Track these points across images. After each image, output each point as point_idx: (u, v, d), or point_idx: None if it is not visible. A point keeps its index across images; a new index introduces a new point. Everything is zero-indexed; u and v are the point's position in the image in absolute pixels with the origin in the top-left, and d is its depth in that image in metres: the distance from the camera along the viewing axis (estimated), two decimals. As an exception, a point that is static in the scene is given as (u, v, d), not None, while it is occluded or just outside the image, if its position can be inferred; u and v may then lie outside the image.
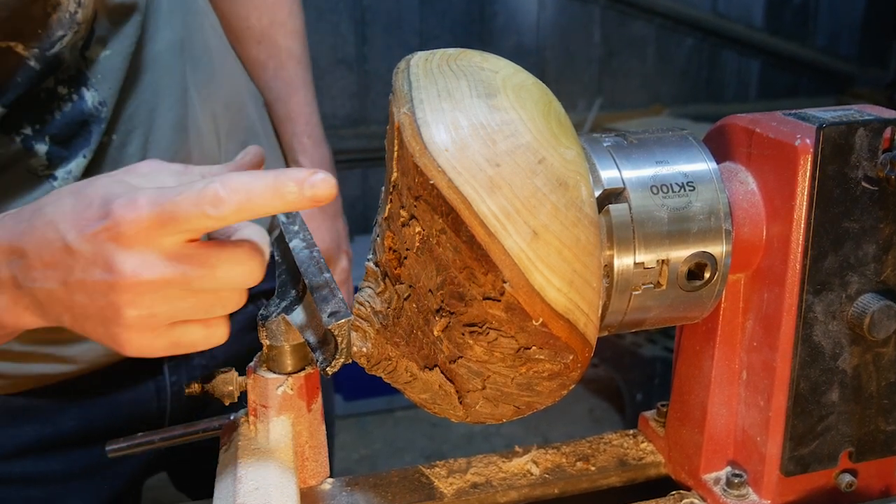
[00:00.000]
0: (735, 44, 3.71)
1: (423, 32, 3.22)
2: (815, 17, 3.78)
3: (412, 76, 0.53)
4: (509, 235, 0.48)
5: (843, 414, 0.63)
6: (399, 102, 0.52)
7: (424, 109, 0.50)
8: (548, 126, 0.52)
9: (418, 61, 0.54)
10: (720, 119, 0.66)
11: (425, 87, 0.52)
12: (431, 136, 0.49)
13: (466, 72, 0.53)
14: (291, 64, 1.11)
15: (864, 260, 0.60)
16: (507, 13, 3.34)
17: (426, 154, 0.49)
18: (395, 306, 0.56)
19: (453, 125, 0.50)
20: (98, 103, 0.80)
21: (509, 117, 0.50)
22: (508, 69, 0.54)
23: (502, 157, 0.49)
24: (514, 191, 0.49)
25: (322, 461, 0.70)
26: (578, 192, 0.51)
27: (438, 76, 0.53)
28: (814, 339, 0.61)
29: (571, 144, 0.53)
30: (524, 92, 0.53)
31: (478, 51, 0.56)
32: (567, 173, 0.51)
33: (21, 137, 0.77)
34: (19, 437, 0.91)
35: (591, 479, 0.73)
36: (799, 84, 3.87)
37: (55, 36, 0.74)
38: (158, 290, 0.54)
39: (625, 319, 0.59)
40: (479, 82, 0.52)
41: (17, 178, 0.78)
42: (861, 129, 0.57)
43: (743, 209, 0.61)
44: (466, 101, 0.51)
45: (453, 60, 0.54)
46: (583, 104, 3.49)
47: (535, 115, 0.51)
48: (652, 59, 3.63)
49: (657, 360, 2.46)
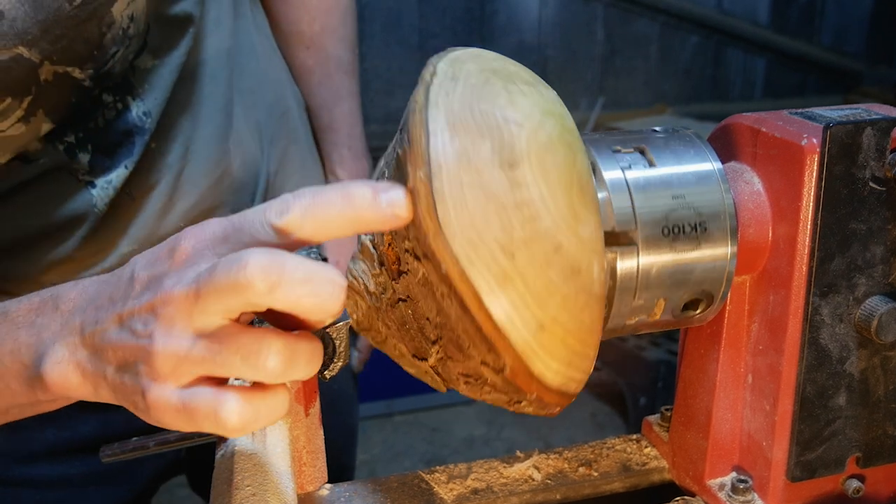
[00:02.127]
0: (740, 42, 3.70)
1: (423, 30, 3.21)
2: (821, 15, 3.77)
3: (431, 120, 0.48)
4: (515, 329, 0.48)
5: (851, 418, 0.62)
6: (415, 161, 0.48)
7: (442, 179, 0.47)
8: (569, 200, 0.49)
9: (438, 97, 0.49)
10: (725, 118, 0.65)
11: (444, 146, 0.47)
12: (448, 216, 0.47)
13: (491, 125, 0.48)
14: (339, 73, 1.10)
15: (872, 262, 0.59)
16: (508, 10, 3.33)
17: (440, 236, 0.47)
18: (389, 298, 0.54)
19: (472, 203, 0.47)
20: (143, 113, 0.80)
21: (531, 196, 0.48)
22: (535, 115, 0.50)
23: (518, 246, 0.47)
24: (527, 284, 0.48)
25: (320, 466, 0.69)
26: (590, 275, 0.50)
27: (460, 128, 0.48)
28: (820, 343, 0.60)
29: (590, 216, 0.51)
30: (549, 154, 0.49)
31: (501, 78, 0.51)
32: (581, 256, 0.50)
33: (64, 146, 0.77)
34: (38, 440, 0.91)
35: (593, 484, 0.72)
36: (805, 82, 3.85)
37: (109, 54, 0.74)
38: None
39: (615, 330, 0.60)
40: (502, 145, 0.48)
41: (58, 184, 0.78)
42: (869, 128, 0.57)
43: (748, 210, 0.60)
44: (487, 172, 0.47)
45: (476, 102, 0.49)
46: (585, 103, 3.48)
47: (558, 189, 0.49)
48: (655, 58, 3.62)
49: (661, 364, 2.45)
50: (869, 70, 3.83)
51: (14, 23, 0.65)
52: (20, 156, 0.75)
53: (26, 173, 0.76)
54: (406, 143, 0.48)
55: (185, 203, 0.86)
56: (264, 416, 0.48)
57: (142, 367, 0.49)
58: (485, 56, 0.52)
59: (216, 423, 0.48)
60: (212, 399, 0.47)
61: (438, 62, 0.51)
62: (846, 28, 3.82)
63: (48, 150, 0.76)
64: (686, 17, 3.57)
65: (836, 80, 3.84)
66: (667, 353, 2.47)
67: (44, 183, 0.77)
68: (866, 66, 3.84)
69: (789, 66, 3.80)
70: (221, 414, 0.47)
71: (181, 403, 0.48)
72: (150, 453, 0.68)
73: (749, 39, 3.69)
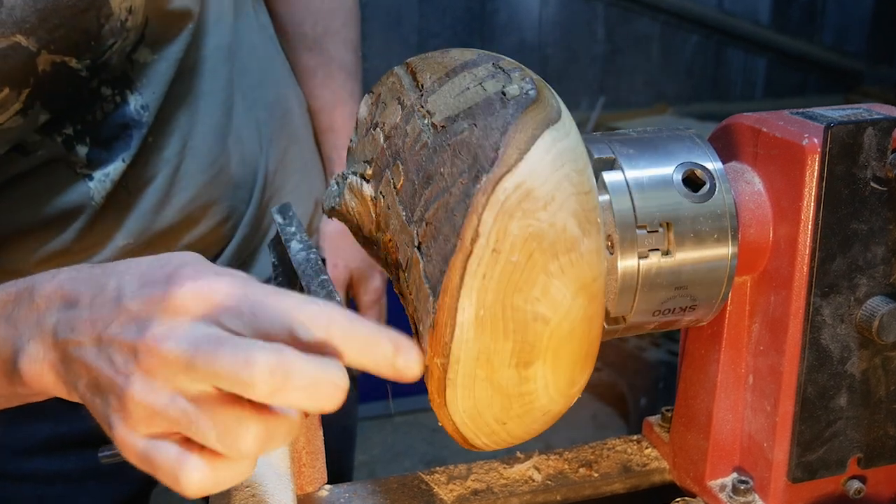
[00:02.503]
0: (741, 41, 3.69)
1: (423, 30, 3.21)
2: (822, 14, 3.77)
3: (460, 311, 0.47)
4: (488, 447, 0.54)
5: (852, 419, 0.62)
6: (436, 347, 0.48)
7: (458, 372, 0.49)
8: (570, 377, 0.51)
9: (474, 282, 0.47)
10: (726, 118, 0.65)
11: (467, 343, 0.48)
12: (455, 401, 0.50)
13: (517, 325, 0.48)
14: (341, 75, 1.09)
15: (873, 262, 0.59)
16: (509, 9, 3.33)
17: (444, 408, 0.51)
18: (383, 258, 0.55)
19: (480, 395, 0.50)
20: (140, 107, 0.80)
21: (535, 387, 0.50)
22: (565, 301, 0.48)
23: (512, 418, 0.51)
24: (512, 436, 0.53)
25: (319, 467, 0.69)
26: (567, 407, 0.54)
27: (487, 325, 0.47)
28: (821, 343, 0.60)
29: (585, 376, 0.53)
30: (566, 345, 0.49)
31: (544, 252, 0.47)
32: (564, 407, 0.53)
33: (62, 138, 0.77)
34: (35, 434, 0.92)
35: (594, 485, 0.72)
36: (806, 82, 3.85)
37: (106, 45, 0.74)
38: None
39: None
40: (524, 346, 0.48)
41: (56, 176, 0.78)
42: (870, 128, 0.56)
43: (749, 210, 0.60)
44: (502, 371, 0.49)
45: (510, 294, 0.47)
46: (585, 103, 3.48)
47: (563, 375, 0.50)
48: (656, 57, 3.62)
49: (662, 365, 2.44)
50: (870, 70, 3.82)
51: (13, 11, 0.66)
52: (18, 147, 0.75)
53: (24, 165, 0.77)
54: (430, 320, 0.48)
55: (181, 198, 0.86)
56: (224, 483, 0.47)
57: (113, 401, 0.47)
58: (534, 197, 0.47)
59: (175, 482, 0.46)
60: (175, 458, 0.46)
61: (484, 209, 0.47)
62: (847, 28, 3.82)
63: (46, 143, 0.76)
64: (687, 16, 3.57)
65: (837, 80, 3.83)
66: (667, 354, 2.46)
67: (41, 175, 0.78)
68: (867, 66, 3.84)
69: (790, 66, 3.80)
70: (182, 476, 0.46)
71: (144, 453, 0.47)
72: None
73: (750, 39, 3.69)
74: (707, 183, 0.57)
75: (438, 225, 0.48)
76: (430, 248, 0.49)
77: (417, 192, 0.51)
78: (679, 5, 3.55)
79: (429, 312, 0.49)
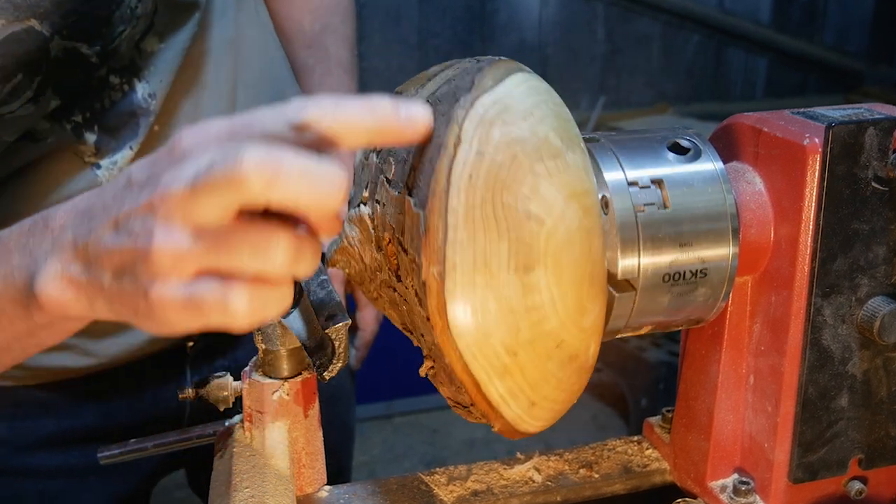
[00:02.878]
0: (742, 41, 3.69)
1: (423, 29, 3.20)
2: (823, 14, 3.76)
3: (450, 212, 0.47)
4: (509, 408, 0.50)
5: (853, 420, 0.62)
6: (430, 255, 0.47)
7: (456, 280, 0.47)
8: (577, 296, 0.49)
9: (461, 181, 0.47)
10: (726, 118, 0.65)
11: (462, 245, 0.47)
12: (456, 317, 0.47)
13: (511, 222, 0.47)
14: (339, 72, 1.10)
15: (875, 262, 0.59)
16: (509, 9, 3.32)
17: (447, 333, 0.48)
18: (384, 280, 0.54)
19: (482, 308, 0.47)
20: (148, 95, 0.81)
21: (541, 300, 0.48)
22: (557, 204, 0.48)
23: (522, 345, 0.49)
24: (525, 375, 0.50)
25: (319, 468, 0.69)
26: (587, 357, 0.52)
27: (479, 224, 0.47)
28: (822, 343, 0.60)
29: (595, 306, 0.51)
30: (566, 252, 0.49)
31: (528, 155, 0.48)
32: (581, 344, 0.51)
33: (72, 125, 0.78)
34: (38, 429, 0.92)
35: (594, 486, 0.72)
36: (807, 82, 3.85)
37: (116, 32, 0.76)
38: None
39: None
40: (520, 247, 0.47)
41: (64, 164, 0.79)
42: (871, 128, 0.56)
43: (750, 210, 0.60)
44: (502, 276, 0.47)
45: (499, 192, 0.47)
46: (586, 102, 3.48)
47: (569, 288, 0.49)
48: (657, 57, 3.61)
49: (662, 365, 2.44)
50: (871, 70, 3.82)
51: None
52: (28, 135, 0.76)
53: (34, 152, 0.77)
54: (423, 224, 0.47)
55: None
56: (272, 306, 0.46)
57: (141, 268, 0.47)
58: (513, 110, 0.49)
59: (225, 314, 0.45)
60: (218, 289, 0.45)
61: (464, 119, 0.48)
62: (848, 27, 3.82)
63: (55, 129, 0.77)
64: (688, 16, 3.57)
65: (837, 80, 3.83)
66: (668, 355, 2.46)
67: (50, 163, 0.78)
68: (868, 66, 3.83)
69: (791, 66, 3.79)
70: (231, 303, 0.45)
71: (187, 297, 0.46)
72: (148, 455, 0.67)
73: (751, 39, 3.69)
74: (692, 149, 0.58)
75: (424, 159, 0.48)
76: (418, 181, 0.49)
77: (406, 161, 0.51)
78: (680, 5, 3.54)
79: (419, 230, 0.47)
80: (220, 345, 0.98)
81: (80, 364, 0.88)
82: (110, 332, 0.87)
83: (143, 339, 0.89)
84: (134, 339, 0.89)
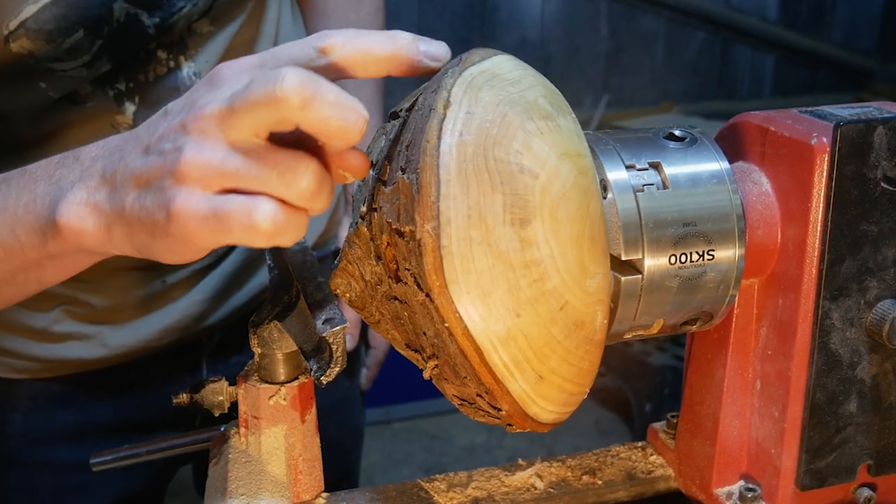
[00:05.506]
0: (748, 38, 3.68)
1: (422, 27, 3.19)
2: (832, 10, 3.75)
3: (443, 167, 0.46)
4: (515, 381, 0.49)
5: (862, 425, 0.61)
6: (424, 212, 0.46)
7: (451, 236, 0.46)
8: (578, 255, 0.48)
9: (452, 138, 0.47)
10: (733, 117, 0.65)
11: (455, 199, 0.46)
12: (454, 275, 0.46)
13: (504, 176, 0.47)
14: (369, 85, 1.11)
15: (884, 264, 0.58)
16: (510, 6, 3.31)
17: (445, 294, 0.46)
18: (385, 292, 0.53)
19: (479, 264, 0.46)
20: (193, 73, 0.83)
21: (540, 255, 0.47)
22: (551, 160, 0.48)
23: (524, 305, 0.47)
24: (529, 341, 0.48)
25: (316, 475, 0.68)
26: (593, 326, 0.50)
27: (472, 178, 0.46)
28: (830, 347, 0.59)
29: (598, 268, 0.50)
30: (562, 208, 0.48)
31: (518, 114, 0.48)
32: (586, 310, 0.50)
33: (115, 92, 0.79)
34: (53, 423, 0.93)
35: (597, 493, 0.71)
36: (815, 80, 3.83)
37: (177, 6, 0.78)
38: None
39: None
40: (515, 199, 0.47)
41: (98, 133, 0.79)
42: (880, 127, 0.56)
43: (756, 211, 0.60)
44: (498, 229, 0.46)
45: (491, 147, 0.47)
46: (589, 101, 3.46)
47: (568, 244, 0.48)
48: (661, 55, 3.60)
49: (667, 369, 2.43)
50: (881, 67, 3.80)
51: None
52: (70, 95, 0.77)
53: (72, 114, 0.78)
54: (415, 185, 0.47)
55: None
56: (291, 231, 0.48)
57: (167, 181, 0.48)
58: (502, 77, 0.50)
59: (248, 227, 0.46)
60: (244, 202, 0.47)
61: (453, 86, 0.48)
62: (857, 24, 3.80)
63: (97, 94, 0.78)
64: (693, 12, 3.55)
65: (846, 78, 3.82)
66: (673, 359, 2.45)
67: (82, 130, 0.79)
68: (878, 64, 3.82)
69: (799, 64, 3.78)
70: (256, 216, 0.46)
71: (211, 209, 0.47)
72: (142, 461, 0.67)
73: (757, 36, 3.67)
74: (687, 137, 0.59)
75: (415, 132, 0.49)
76: (410, 157, 0.49)
77: (400, 153, 0.51)
78: (685, 1, 3.53)
79: (413, 193, 0.47)
80: (236, 340, 0.98)
81: (97, 355, 0.89)
82: (129, 318, 0.88)
83: (160, 326, 0.90)
84: (152, 327, 0.90)
